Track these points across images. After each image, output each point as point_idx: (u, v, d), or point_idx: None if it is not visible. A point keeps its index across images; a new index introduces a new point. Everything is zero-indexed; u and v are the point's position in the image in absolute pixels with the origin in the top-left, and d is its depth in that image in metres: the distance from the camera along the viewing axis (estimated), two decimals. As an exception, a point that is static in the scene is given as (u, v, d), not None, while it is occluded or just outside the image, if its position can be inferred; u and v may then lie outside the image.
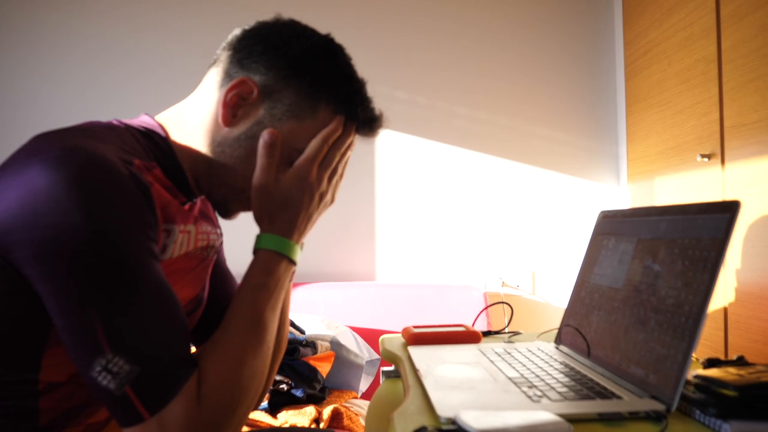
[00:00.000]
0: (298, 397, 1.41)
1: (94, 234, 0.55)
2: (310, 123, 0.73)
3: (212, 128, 0.74)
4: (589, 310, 0.85)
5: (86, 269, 0.55)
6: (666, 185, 1.86)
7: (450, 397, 0.64)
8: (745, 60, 1.44)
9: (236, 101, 0.72)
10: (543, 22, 2.28)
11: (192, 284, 0.76)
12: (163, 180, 0.71)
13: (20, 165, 0.58)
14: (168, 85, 2.15)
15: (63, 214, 0.55)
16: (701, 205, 0.67)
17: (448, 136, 2.24)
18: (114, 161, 0.60)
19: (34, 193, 0.55)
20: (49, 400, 0.63)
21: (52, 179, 0.55)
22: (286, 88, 0.72)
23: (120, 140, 0.67)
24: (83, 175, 0.56)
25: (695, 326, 0.59)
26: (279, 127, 0.72)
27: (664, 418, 0.56)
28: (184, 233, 0.72)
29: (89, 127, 0.67)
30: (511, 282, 2.23)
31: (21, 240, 0.55)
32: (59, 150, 0.57)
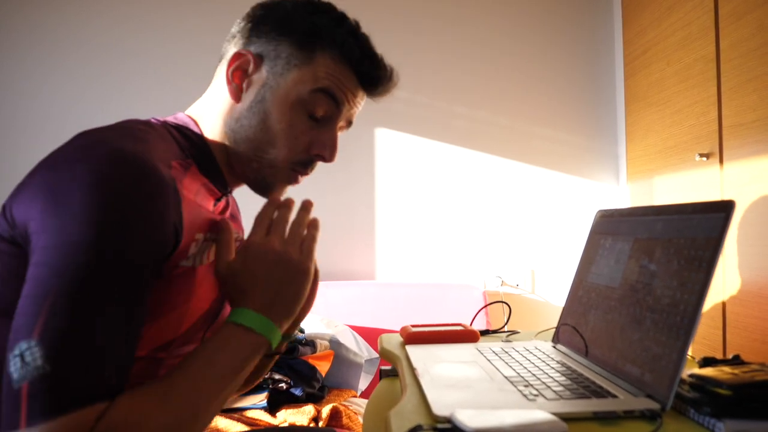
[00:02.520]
0: (297, 395, 1.42)
1: (97, 241, 0.55)
2: (311, 68, 0.74)
3: (228, 110, 0.76)
4: (586, 309, 0.85)
5: (70, 263, 0.54)
6: (665, 184, 1.87)
7: (446, 396, 0.64)
8: (743, 59, 1.44)
9: (239, 74, 0.74)
10: (542, 21, 2.28)
11: (213, 284, 0.77)
12: (199, 178, 0.73)
13: (64, 163, 0.59)
14: (169, 84, 2.15)
15: (80, 216, 0.55)
16: (696, 205, 0.67)
17: (448, 136, 2.24)
18: (156, 168, 0.61)
19: (68, 192, 0.56)
20: None
21: (88, 182, 0.56)
22: (280, 45, 0.74)
23: (160, 140, 0.68)
24: (118, 183, 0.57)
25: (690, 325, 0.60)
26: (283, 82, 0.73)
27: (659, 416, 0.57)
28: (208, 242, 0.73)
29: (132, 126, 0.68)
30: (511, 281, 2.23)
31: (36, 230, 0.57)
32: (105, 155, 0.58)
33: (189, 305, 0.71)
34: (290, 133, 0.74)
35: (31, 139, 2.12)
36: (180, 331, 0.72)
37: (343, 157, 2.10)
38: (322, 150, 0.76)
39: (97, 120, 2.15)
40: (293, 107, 0.73)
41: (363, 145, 2.21)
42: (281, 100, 0.73)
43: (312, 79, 0.73)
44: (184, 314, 0.71)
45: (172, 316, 0.69)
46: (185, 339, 0.74)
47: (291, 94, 0.73)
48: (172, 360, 0.73)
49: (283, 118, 0.73)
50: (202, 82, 2.34)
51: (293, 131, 0.74)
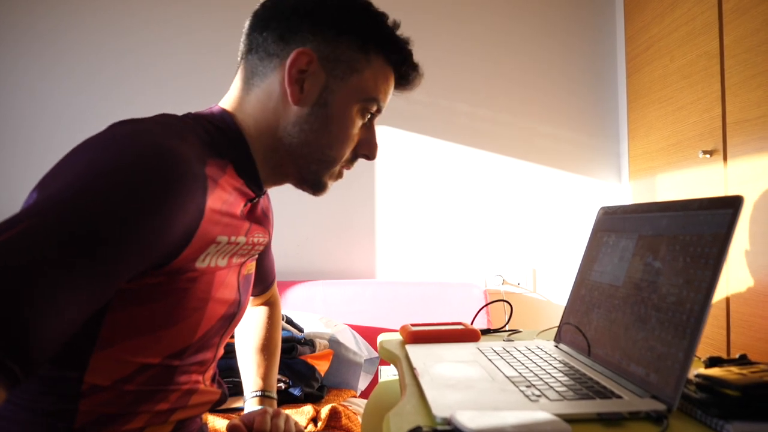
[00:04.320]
0: (296, 395, 1.40)
1: (91, 206, 0.52)
2: (369, 73, 0.75)
3: (281, 112, 0.73)
4: (589, 308, 0.84)
5: (54, 211, 0.51)
6: (668, 182, 1.85)
7: (447, 396, 0.62)
8: (748, 55, 1.42)
9: (298, 75, 0.72)
10: (544, 18, 2.26)
11: (231, 287, 0.75)
12: (235, 179, 0.72)
13: (91, 145, 0.59)
14: (167, 81, 2.14)
15: (85, 178, 0.54)
16: (703, 201, 0.65)
17: (449, 134, 2.22)
18: (189, 165, 0.60)
19: (85, 158, 0.57)
20: (88, 403, 0.63)
21: (110, 159, 0.56)
22: (339, 47, 0.73)
23: (197, 137, 0.67)
24: (140, 168, 0.56)
25: (697, 324, 0.58)
26: (344, 86, 0.74)
27: (665, 418, 0.55)
28: (232, 245, 0.72)
29: (170, 121, 0.67)
30: (512, 280, 2.21)
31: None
32: (139, 144, 0.58)
33: (205, 310, 0.70)
34: (348, 136, 0.76)
35: (29, 137, 2.11)
36: (195, 337, 0.70)
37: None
38: (368, 150, 0.80)
39: (96, 118, 2.14)
40: (352, 114, 0.76)
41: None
42: (343, 105, 0.74)
43: (370, 87, 0.76)
44: (201, 319, 0.70)
45: (187, 322, 0.68)
46: (200, 345, 0.72)
47: (351, 100, 0.75)
48: (187, 367, 0.71)
49: (344, 123, 0.75)
50: (201, 78, 2.32)
51: (350, 135, 0.77)
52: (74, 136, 2.03)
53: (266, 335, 1.06)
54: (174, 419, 0.72)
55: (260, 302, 1.09)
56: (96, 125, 2.12)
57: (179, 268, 0.63)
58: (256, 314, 1.08)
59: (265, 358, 1.03)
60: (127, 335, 0.63)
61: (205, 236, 0.64)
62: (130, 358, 0.64)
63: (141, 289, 0.62)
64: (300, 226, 2.15)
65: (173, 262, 0.62)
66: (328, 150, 0.76)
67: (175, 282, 0.64)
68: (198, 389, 0.75)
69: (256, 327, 1.06)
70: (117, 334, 0.63)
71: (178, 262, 0.63)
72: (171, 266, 0.62)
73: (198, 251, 0.65)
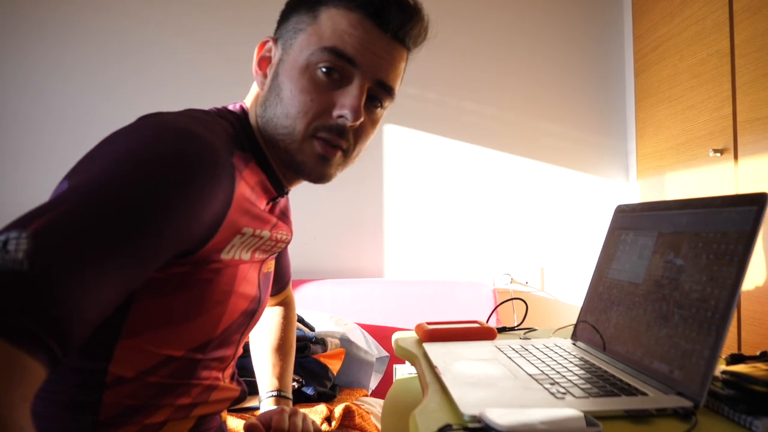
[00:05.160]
0: (309, 395, 1.40)
1: (134, 188, 0.54)
2: (315, 28, 0.70)
3: (256, 99, 0.76)
4: (607, 306, 0.84)
5: (102, 189, 0.52)
6: (677, 181, 1.85)
7: (471, 394, 0.63)
8: (759, 54, 1.42)
9: (265, 64, 0.75)
10: (552, 17, 2.26)
11: (252, 283, 0.76)
12: (258, 173, 0.72)
13: (122, 135, 0.60)
14: (173, 82, 2.14)
15: (124, 162, 0.55)
16: (726, 198, 0.65)
17: (458, 133, 2.23)
18: (218, 152, 0.61)
19: (117, 145, 0.58)
20: (113, 395, 0.63)
21: (143, 146, 0.57)
22: (289, 21, 0.74)
23: (223, 130, 0.68)
24: (172, 153, 0.57)
25: (723, 321, 0.58)
26: (291, 51, 0.71)
27: (693, 414, 0.55)
28: (256, 238, 0.72)
29: (197, 114, 0.68)
30: (520, 278, 2.21)
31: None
32: (167, 132, 0.59)
33: (228, 303, 0.70)
34: (301, 98, 0.69)
35: (34, 138, 2.11)
36: (217, 331, 0.71)
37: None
38: (341, 109, 0.69)
39: (100, 119, 2.15)
40: (302, 72, 0.69)
41: (372, 141, 2.19)
42: (290, 68, 0.70)
43: (317, 39, 0.69)
44: (223, 312, 0.70)
45: (211, 315, 0.68)
46: (222, 340, 0.73)
47: (299, 59, 0.70)
48: (208, 362, 0.72)
49: (293, 85, 0.69)
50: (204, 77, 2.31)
51: (304, 96, 0.69)
52: (78, 137, 2.06)
53: (282, 335, 1.06)
54: (195, 414, 0.72)
55: (276, 302, 1.09)
56: (100, 125, 2.14)
57: (205, 257, 0.64)
58: (272, 314, 1.08)
59: (280, 359, 1.03)
60: (152, 326, 0.64)
61: (232, 225, 0.65)
62: (155, 350, 0.65)
63: (167, 278, 0.63)
64: (309, 225, 2.15)
65: (201, 250, 0.62)
66: (285, 120, 0.70)
67: (201, 272, 0.65)
68: (218, 386, 0.75)
69: (272, 327, 1.07)
70: (142, 325, 0.63)
71: (205, 251, 0.63)
72: (198, 255, 0.63)
73: (225, 241, 0.65)
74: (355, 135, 0.74)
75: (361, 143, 0.75)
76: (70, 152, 1.91)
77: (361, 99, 0.70)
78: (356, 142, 0.74)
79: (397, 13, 0.70)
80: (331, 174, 0.74)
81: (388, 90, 0.74)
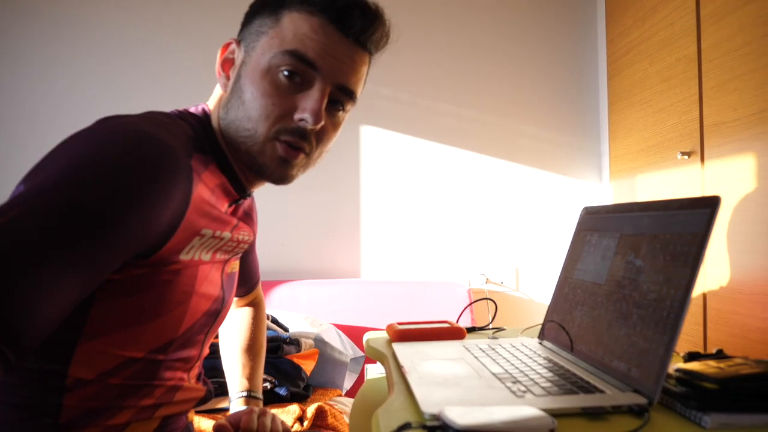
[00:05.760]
0: (282, 395, 1.40)
1: (82, 191, 0.54)
2: (277, 31, 0.71)
3: (219, 102, 0.75)
4: (572, 306, 0.86)
5: (50, 195, 0.53)
6: (647, 182, 1.89)
7: (434, 393, 0.63)
8: (724, 59, 1.46)
9: (228, 66, 0.75)
10: (528, 20, 2.29)
11: (214, 283, 0.76)
12: (218, 175, 0.72)
13: (76, 136, 0.60)
14: (164, 81, 2.12)
15: (76, 164, 0.55)
16: (682, 201, 0.67)
17: (433, 134, 2.24)
18: (174, 153, 0.61)
19: (70, 147, 0.58)
20: (73, 398, 0.63)
21: (95, 145, 0.57)
22: (252, 24, 0.74)
23: (183, 132, 0.68)
24: (126, 154, 0.57)
25: (677, 320, 0.60)
26: (254, 54, 0.72)
27: (647, 411, 0.57)
28: (216, 239, 0.72)
29: (156, 116, 0.68)
30: (495, 278, 2.24)
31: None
32: (122, 132, 0.58)
33: (189, 303, 0.70)
34: (263, 102, 0.69)
35: (25, 137, 2.07)
36: (179, 331, 0.71)
37: (327, 154, 2.09)
38: (302, 113, 0.70)
39: (92, 118, 2.10)
40: (264, 75, 0.70)
41: (348, 142, 2.20)
42: (252, 71, 0.71)
43: (279, 42, 0.70)
44: (184, 313, 0.70)
45: (171, 315, 0.68)
46: (184, 341, 0.72)
47: (261, 62, 0.70)
48: (171, 362, 0.72)
49: (255, 88, 0.70)
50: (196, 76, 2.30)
51: (266, 100, 0.69)
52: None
53: (251, 336, 1.06)
54: (159, 415, 0.72)
55: (245, 303, 1.09)
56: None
57: (163, 259, 0.64)
58: (241, 315, 1.08)
59: (250, 359, 1.03)
60: (111, 327, 0.64)
61: (190, 227, 0.65)
62: (115, 351, 0.65)
63: (125, 280, 0.63)
64: (285, 226, 2.15)
65: (159, 252, 0.62)
66: (248, 122, 0.70)
67: (159, 274, 0.65)
68: (183, 386, 0.75)
69: (241, 327, 1.07)
70: (102, 327, 0.63)
71: (163, 253, 0.63)
72: (156, 257, 0.63)
73: (183, 242, 0.65)
74: (317, 138, 0.74)
75: (322, 146, 0.76)
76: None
77: (322, 102, 0.71)
78: (318, 144, 0.75)
79: (358, 17, 0.71)
80: (292, 176, 0.75)
81: (349, 94, 0.75)
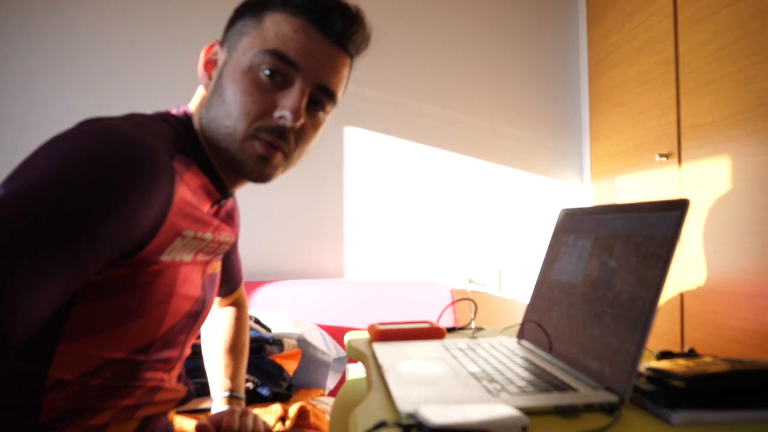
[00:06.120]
0: (264, 395, 1.40)
1: (64, 191, 0.54)
2: (259, 31, 0.72)
3: (201, 102, 0.76)
4: (549, 306, 0.87)
5: (30, 195, 0.53)
6: (627, 183, 1.92)
7: (412, 392, 0.64)
8: (700, 63, 1.49)
9: (211, 67, 0.76)
10: (510, 22, 2.31)
11: (195, 284, 0.76)
12: (200, 176, 0.72)
13: (57, 138, 0.59)
14: (155, 78, 2.11)
15: (58, 165, 0.55)
16: (654, 204, 0.69)
17: (418, 135, 2.25)
18: (156, 155, 0.61)
19: (50, 148, 0.58)
20: (53, 398, 0.63)
21: (77, 147, 0.57)
22: (236, 25, 0.75)
23: (165, 134, 0.68)
24: (107, 156, 0.57)
25: (647, 320, 0.61)
26: (236, 53, 0.73)
27: (617, 408, 0.58)
28: (198, 240, 0.72)
29: (137, 118, 0.68)
30: (478, 279, 2.25)
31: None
32: (103, 135, 0.58)
33: (170, 304, 0.70)
34: (243, 99, 0.70)
35: (17, 137, 2.05)
36: (160, 332, 0.71)
37: (311, 155, 2.09)
38: (281, 110, 0.71)
39: (82, 116, 2.08)
40: (245, 74, 0.71)
41: (332, 143, 2.21)
42: (233, 69, 0.72)
43: (261, 42, 0.71)
44: (165, 314, 0.70)
45: (152, 316, 0.68)
46: (165, 341, 0.73)
47: (242, 61, 0.71)
48: (152, 363, 0.72)
49: (236, 86, 0.71)
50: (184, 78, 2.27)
51: (246, 97, 0.70)
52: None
53: (234, 336, 1.06)
54: (140, 415, 0.72)
55: (227, 303, 1.09)
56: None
57: (144, 259, 0.64)
58: (223, 315, 1.08)
59: (232, 359, 1.03)
60: (92, 329, 0.64)
61: (172, 228, 0.65)
62: (96, 352, 0.65)
63: (106, 281, 0.63)
64: (269, 226, 2.15)
65: (140, 252, 0.63)
66: (228, 120, 0.71)
67: (140, 275, 0.65)
68: (163, 387, 0.75)
69: (223, 328, 1.07)
70: (82, 328, 0.63)
71: (145, 254, 0.63)
72: (137, 257, 0.63)
73: (165, 243, 0.65)
74: (296, 137, 0.75)
75: (302, 145, 0.76)
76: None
77: (301, 101, 0.72)
78: (297, 144, 0.75)
79: (339, 19, 0.73)
80: (271, 174, 0.75)
81: (330, 94, 0.76)
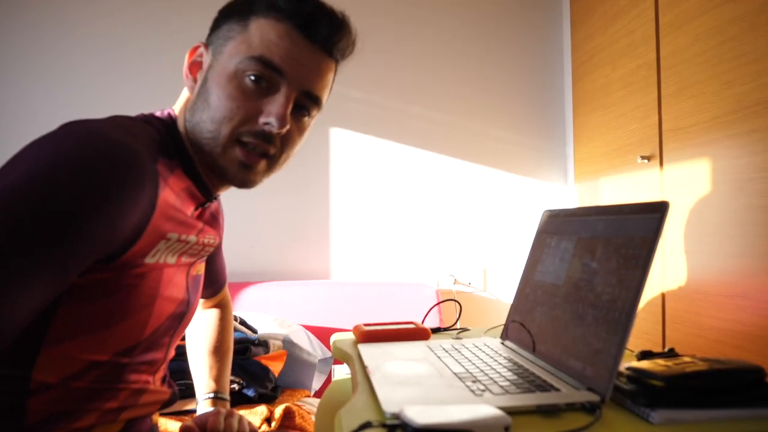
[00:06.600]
0: (250, 396, 1.40)
1: (49, 193, 0.54)
2: (244, 36, 0.72)
3: (186, 105, 0.76)
4: (532, 307, 0.88)
5: (10, 198, 0.53)
6: (610, 185, 1.94)
7: (396, 393, 0.65)
8: (681, 67, 1.51)
9: (195, 69, 0.76)
10: (495, 25, 2.33)
11: (179, 286, 0.76)
12: (184, 180, 0.72)
13: (39, 141, 0.59)
14: (142, 79, 2.09)
15: (41, 167, 0.55)
16: (633, 206, 0.70)
17: (402, 136, 2.26)
18: (140, 158, 0.61)
19: (31, 151, 0.57)
20: (37, 401, 0.63)
21: (58, 151, 0.56)
22: (221, 28, 0.75)
23: (148, 136, 0.68)
24: (89, 159, 0.57)
25: (627, 321, 0.62)
26: (221, 57, 0.72)
27: (598, 408, 0.59)
28: (182, 243, 0.72)
29: (121, 120, 0.68)
30: (463, 279, 2.27)
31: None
32: (87, 138, 0.58)
33: (154, 306, 0.70)
34: (228, 104, 0.70)
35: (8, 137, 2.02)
36: (144, 334, 0.71)
37: (297, 156, 2.09)
38: (267, 117, 0.71)
39: (71, 117, 2.06)
40: (230, 79, 0.71)
41: (317, 144, 2.20)
42: (219, 74, 0.72)
43: (246, 47, 0.71)
44: (149, 316, 0.70)
45: (136, 319, 0.68)
46: (149, 344, 0.72)
47: (228, 66, 0.71)
48: (137, 365, 0.72)
49: (221, 91, 0.71)
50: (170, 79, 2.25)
51: (231, 102, 0.70)
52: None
53: (218, 337, 1.06)
54: (123, 418, 0.72)
55: (211, 304, 1.09)
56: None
57: (128, 262, 0.64)
58: (208, 316, 1.08)
59: (217, 360, 1.03)
60: (76, 332, 0.64)
61: (156, 231, 0.65)
62: (79, 355, 0.65)
63: (89, 284, 0.63)
64: (255, 227, 2.14)
65: (123, 255, 0.63)
66: (210, 125, 0.71)
67: (123, 277, 0.65)
68: (148, 389, 0.75)
69: (208, 329, 1.06)
70: (66, 331, 0.63)
71: (129, 256, 0.63)
72: (120, 260, 0.63)
73: (149, 246, 0.65)
74: (282, 142, 0.75)
75: (288, 150, 0.77)
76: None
77: (287, 107, 0.72)
78: (283, 148, 0.76)
79: (325, 25, 0.73)
80: (254, 180, 0.75)
81: (315, 99, 0.76)
